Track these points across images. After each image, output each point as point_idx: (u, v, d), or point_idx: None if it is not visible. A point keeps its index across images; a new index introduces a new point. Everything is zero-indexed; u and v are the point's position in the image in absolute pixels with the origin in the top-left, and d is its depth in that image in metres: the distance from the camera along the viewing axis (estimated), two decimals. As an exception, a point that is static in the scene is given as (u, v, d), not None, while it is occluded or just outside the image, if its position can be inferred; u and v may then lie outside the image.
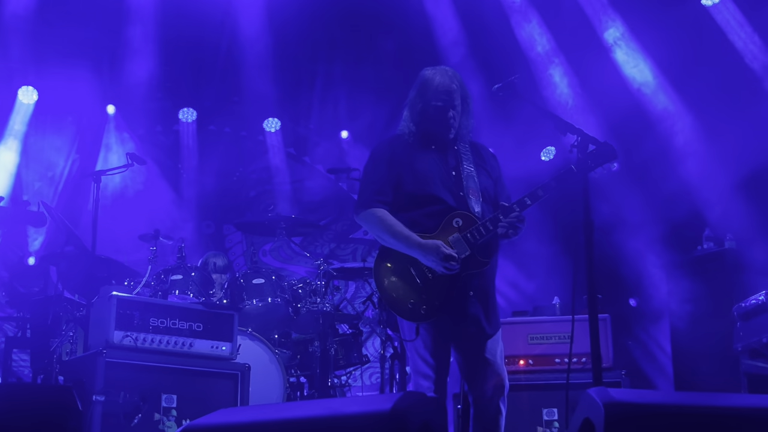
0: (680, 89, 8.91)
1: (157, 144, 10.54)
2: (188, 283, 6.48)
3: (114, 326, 5.26)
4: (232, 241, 10.65)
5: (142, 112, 10.24)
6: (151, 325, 5.42)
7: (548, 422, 5.63)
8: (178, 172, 10.50)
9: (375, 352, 8.78)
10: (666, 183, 8.57)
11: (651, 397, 2.75)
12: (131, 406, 5.11)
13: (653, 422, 2.60)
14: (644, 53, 9.00)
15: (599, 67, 9.07)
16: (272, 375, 6.42)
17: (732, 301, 5.90)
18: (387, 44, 9.57)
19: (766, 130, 8.09)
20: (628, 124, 8.94)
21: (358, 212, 4.54)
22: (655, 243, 8.87)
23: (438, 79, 4.53)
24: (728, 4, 8.73)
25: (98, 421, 4.95)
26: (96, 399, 4.98)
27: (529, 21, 9.32)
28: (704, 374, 6.34)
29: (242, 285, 6.83)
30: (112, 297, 5.35)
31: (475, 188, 4.48)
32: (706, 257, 6.64)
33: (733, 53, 8.57)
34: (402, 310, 4.34)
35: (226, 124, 10.69)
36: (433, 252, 4.27)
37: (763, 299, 5.14)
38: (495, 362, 4.40)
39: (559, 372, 5.68)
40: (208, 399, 5.41)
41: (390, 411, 2.64)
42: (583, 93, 9.27)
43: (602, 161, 4.04)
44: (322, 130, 10.80)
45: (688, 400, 2.77)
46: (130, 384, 5.15)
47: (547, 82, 9.41)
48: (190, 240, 9.80)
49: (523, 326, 5.92)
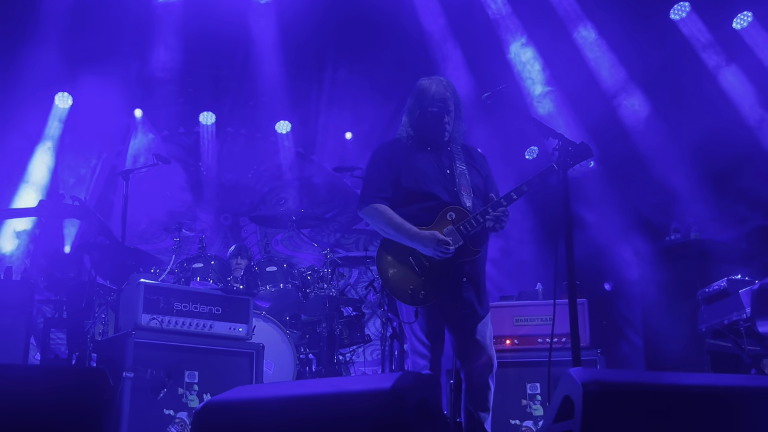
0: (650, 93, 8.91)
1: (180, 144, 10.53)
2: (208, 270, 6.49)
3: (142, 310, 5.26)
4: (248, 232, 10.64)
5: (166, 116, 10.25)
6: (175, 308, 5.41)
7: (531, 396, 5.64)
8: (198, 169, 10.48)
9: (376, 332, 8.78)
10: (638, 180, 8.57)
11: (624, 376, 2.74)
12: (157, 382, 5.12)
13: (626, 399, 2.60)
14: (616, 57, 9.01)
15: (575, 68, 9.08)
16: (284, 353, 6.44)
17: (696, 286, 5.89)
18: (386, 55, 9.54)
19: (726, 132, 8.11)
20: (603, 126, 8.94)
21: (361, 207, 4.55)
22: (628, 234, 8.87)
23: (434, 87, 4.54)
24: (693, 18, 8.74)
25: (128, 395, 4.96)
26: (126, 375, 4.98)
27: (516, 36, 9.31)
28: (672, 352, 6.35)
29: (257, 272, 6.83)
30: (140, 283, 5.34)
31: (466, 185, 4.49)
32: (674, 247, 6.63)
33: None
34: (402, 296, 4.35)
35: (241, 126, 10.68)
36: (430, 241, 4.29)
37: (724, 285, 5.14)
38: (485, 343, 4.42)
39: (542, 351, 5.69)
40: (226, 375, 5.42)
41: (390, 389, 2.64)
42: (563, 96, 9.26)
43: (580, 159, 4.04)
44: (328, 132, 10.78)
45: (657, 380, 2.77)
46: (156, 362, 5.15)
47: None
48: (209, 231, 9.80)
49: (509, 309, 5.93)
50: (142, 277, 5.73)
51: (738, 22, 8.56)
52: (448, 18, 9.50)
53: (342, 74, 10.29)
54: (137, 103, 10.02)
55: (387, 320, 6.79)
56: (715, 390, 2.75)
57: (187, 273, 6.40)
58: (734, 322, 4.93)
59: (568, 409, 2.65)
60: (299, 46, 9.84)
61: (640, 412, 2.58)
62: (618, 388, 2.63)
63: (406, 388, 2.66)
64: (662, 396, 2.64)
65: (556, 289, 4.14)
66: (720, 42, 8.62)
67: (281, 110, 10.41)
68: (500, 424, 5.27)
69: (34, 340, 7.86)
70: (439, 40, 9.48)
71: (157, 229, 9.59)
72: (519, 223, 9.06)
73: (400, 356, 5.92)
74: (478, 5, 9.34)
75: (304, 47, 9.93)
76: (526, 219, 8.78)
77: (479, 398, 4.37)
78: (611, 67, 8.99)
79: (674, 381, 2.76)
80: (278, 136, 10.74)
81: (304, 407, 2.78)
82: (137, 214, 9.78)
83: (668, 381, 2.75)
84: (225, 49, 9.86)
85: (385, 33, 9.50)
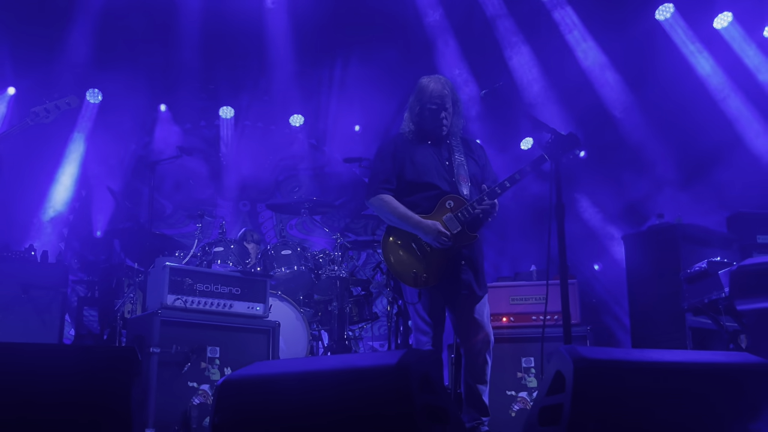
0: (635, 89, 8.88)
1: (202, 137, 10.53)
2: (228, 254, 6.50)
3: (167, 291, 5.26)
4: (264, 217, 10.64)
5: (189, 110, 10.25)
6: (198, 289, 5.42)
7: (526, 369, 5.64)
8: (219, 160, 10.48)
9: (383, 309, 8.79)
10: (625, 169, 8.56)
11: (611, 354, 2.75)
12: (182, 357, 5.14)
13: (613, 375, 2.61)
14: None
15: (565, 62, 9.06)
16: (298, 329, 6.44)
17: (679, 267, 5.87)
18: (392, 54, 9.52)
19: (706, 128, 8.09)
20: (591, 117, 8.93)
21: (368, 198, 4.55)
22: (616, 219, 8.87)
23: (432, 85, 4.54)
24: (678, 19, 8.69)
25: (155, 369, 4.98)
26: (153, 351, 5.00)
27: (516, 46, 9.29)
28: (656, 328, 6.32)
29: (273, 255, 6.83)
30: (166, 266, 5.34)
31: (465, 175, 4.50)
32: (657, 230, 6.58)
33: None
34: (406, 278, 4.36)
35: (258, 119, 10.66)
36: (431, 231, 4.30)
37: (705, 266, 5.12)
38: (483, 321, 4.42)
39: (536, 327, 5.67)
40: (245, 350, 5.43)
41: (396, 365, 2.65)
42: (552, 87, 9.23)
43: (570, 148, 4.02)
44: (338, 125, 10.77)
45: (641, 357, 2.78)
46: (181, 338, 5.16)
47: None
48: (229, 217, 9.82)
49: (506, 289, 5.92)
50: (167, 260, 5.74)
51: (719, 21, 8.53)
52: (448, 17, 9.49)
53: (351, 71, 10.28)
54: (162, 98, 10.02)
55: (393, 299, 6.81)
56: (694, 366, 2.75)
57: (208, 256, 6.40)
58: (714, 301, 4.92)
59: (560, 384, 2.66)
60: (311, 46, 9.85)
61: (626, 386, 2.59)
62: (605, 365, 2.64)
63: (410, 364, 2.67)
64: (646, 372, 2.65)
65: (548, 271, 4.13)
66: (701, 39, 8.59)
67: (295, 104, 10.42)
68: (497, 395, 5.28)
69: (68, 318, 7.89)
70: (440, 38, 9.46)
71: (181, 216, 9.61)
72: (515, 210, 9.06)
73: (404, 332, 5.95)
74: (477, 6, 9.32)
75: (316, 46, 9.94)
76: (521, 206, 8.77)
77: (478, 372, 4.38)
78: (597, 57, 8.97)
79: (657, 358, 2.77)
80: (292, 129, 10.73)
81: (316, 382, 2.79)
82: (163, 202, 9.80)
83: (652, 358, 2.76)
84: (242, 49, 9.84)
85: (391, 32, 9.49)
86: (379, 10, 9.01)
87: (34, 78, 9.03)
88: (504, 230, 9.28)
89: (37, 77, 9.01)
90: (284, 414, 2.79)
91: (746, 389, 2.66)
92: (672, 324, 6.12)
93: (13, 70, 9.00)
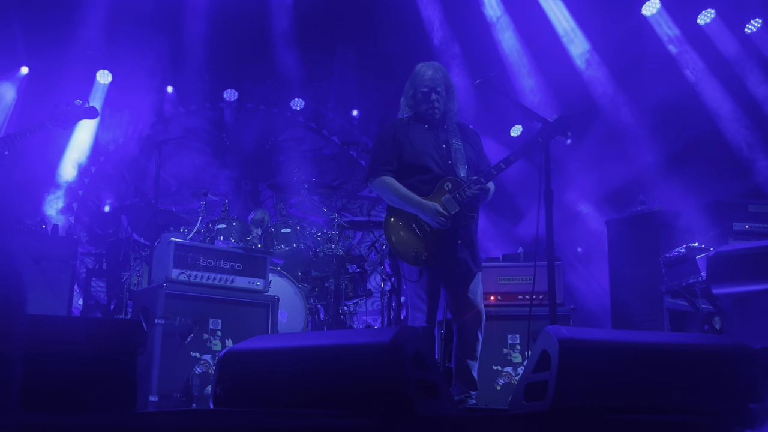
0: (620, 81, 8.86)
1: (206, 118, 10.49)
2: (230, 231, 6.48)
3: (172, 265, 5.26)
4: (265, 196, 10.62)
5: (194, 92, 10.18)
6: (201, 264, 5.41)
7: (511, 345, 5.66)
8: (222, 141, 10.45)
9: (376, 286, 8.80)
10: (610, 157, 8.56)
11: (595, 334, 2.76)
12: (185, 328, 5.14)
13: (596, 354, 2.62)
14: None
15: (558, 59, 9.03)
16: (296, 304, 6.45)
17: (658, 252, 5.89)
18: (391, 42, 9.47)
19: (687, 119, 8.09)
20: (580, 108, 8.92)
21: (370, 180, 4.55)
22: (599, 204, 8.87)
23: (425, 70, 4.59)
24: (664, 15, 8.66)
25: (159, 339, 4.98)
26: (157, 322, 5.00)
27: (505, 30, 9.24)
28: (635, 309, 6.36)
29: (273, 233, 6.82)
30: (171, 242, 5.34)
31: (461, 158, 4.50)
32: (639, 216, 6.60)
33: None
34: (407, 257, 4.37)
35: (261, 102, 10.62)
36: (430, 211, 4.32)
37: (683, 251, 5.13)
38: (476, 300, 4.43)
39: (521, 306, 5.70)
40: (245, 323, 5.43)
41: (389, 341, 2.66)
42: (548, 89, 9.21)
43: (559, 131, 4.03)
44: (337, 109, 10.74)
45: (622, 337, 2.79)
46: (184, 310, 5.16)
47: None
48: (231, 196, 9.80)
49: (494, 270, 5.93)
50: (172, 236, 5.73)
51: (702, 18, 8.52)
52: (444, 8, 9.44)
53: (350, 58, 10.23)
54: (169, 80, 9.96)
55: (386, 276, 6.82)
56: (672, 347, 2.77)
57: (211, 233, 6.39)
58: (691, 285, 4.93)
59: (546, 362, 2.67)
60: (312, 32, 9.79)
61: (608, 365, 2.60)
62: (589, 345, 2.65)
63: (403, 340, 2.67)
64: (626, 352, 2.66)
65: (537, 253, 4.13)
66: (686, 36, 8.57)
67: (296, 89, 10.36)
68: (484, 369, 5.29)
69: (77, 288, 7.88)
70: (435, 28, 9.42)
71: (186, 193, 9.58)
72: (506, 195, 9.07)
73: (397, 308, 5.98)
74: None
75: (317, 33, 9.89)
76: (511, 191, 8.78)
77: (469, 348, 4.39)
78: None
79: (637, 339, 2.78)
80: (293, 112, 10.69)
81: (313, 356, 2.79)
82: (169, 179, 9.77)
83: (632, 339, 2.78)
84: (246, 33, 9.77)
85: (388, 22, 9.44)
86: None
87: (46, 59, 8.98)
88: (494, 214, 9.29)
89: (50, 58, 8.96)
90: (282, 386, 2.80)
91: (720, 370, 2.68)
92: (651, 305, 6.15)
93: (26, 51, 8.94)
